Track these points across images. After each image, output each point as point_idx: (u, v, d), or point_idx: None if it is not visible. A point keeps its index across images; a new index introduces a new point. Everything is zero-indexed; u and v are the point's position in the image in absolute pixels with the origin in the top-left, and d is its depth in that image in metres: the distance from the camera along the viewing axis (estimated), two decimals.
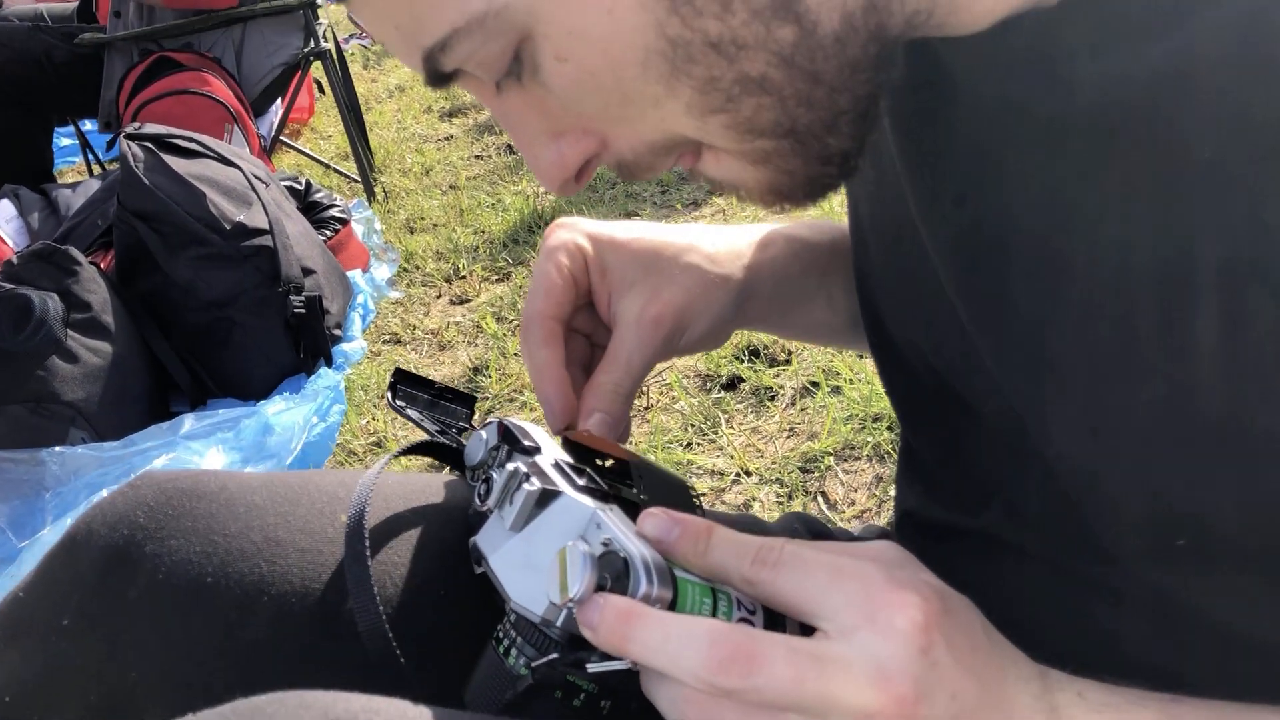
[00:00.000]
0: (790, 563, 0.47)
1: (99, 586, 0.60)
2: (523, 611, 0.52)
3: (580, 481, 0.56)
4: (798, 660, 0.44)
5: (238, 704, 0.47)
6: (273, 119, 3.53)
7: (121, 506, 0.63)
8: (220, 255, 2.14)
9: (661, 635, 0.45)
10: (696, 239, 0.71)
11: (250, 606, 0.60)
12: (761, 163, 0.51)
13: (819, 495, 1.68)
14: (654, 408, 1.98)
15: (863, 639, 0.44)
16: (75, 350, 1.99)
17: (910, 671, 0.44)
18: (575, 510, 0.53)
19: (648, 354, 0.66)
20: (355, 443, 2.06)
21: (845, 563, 0.47)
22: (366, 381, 2.26)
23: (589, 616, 0.47)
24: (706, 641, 0.44)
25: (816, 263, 0.77)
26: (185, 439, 1.95)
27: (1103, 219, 0.48)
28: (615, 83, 0.47)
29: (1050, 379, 0.52)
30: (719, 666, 0.44)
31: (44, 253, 2.05)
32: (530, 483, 0.55)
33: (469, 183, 3.38)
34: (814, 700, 0.44)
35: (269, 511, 0.64)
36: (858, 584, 0.46)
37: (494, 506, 0.57)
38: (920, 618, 0.44)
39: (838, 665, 0.44)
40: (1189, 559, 0.50)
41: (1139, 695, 0.48)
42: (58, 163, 3.80)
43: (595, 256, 0.68)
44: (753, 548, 0.48)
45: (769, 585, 0.48)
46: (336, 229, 2.62)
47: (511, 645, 0.52)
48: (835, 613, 0.46)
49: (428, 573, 0.66)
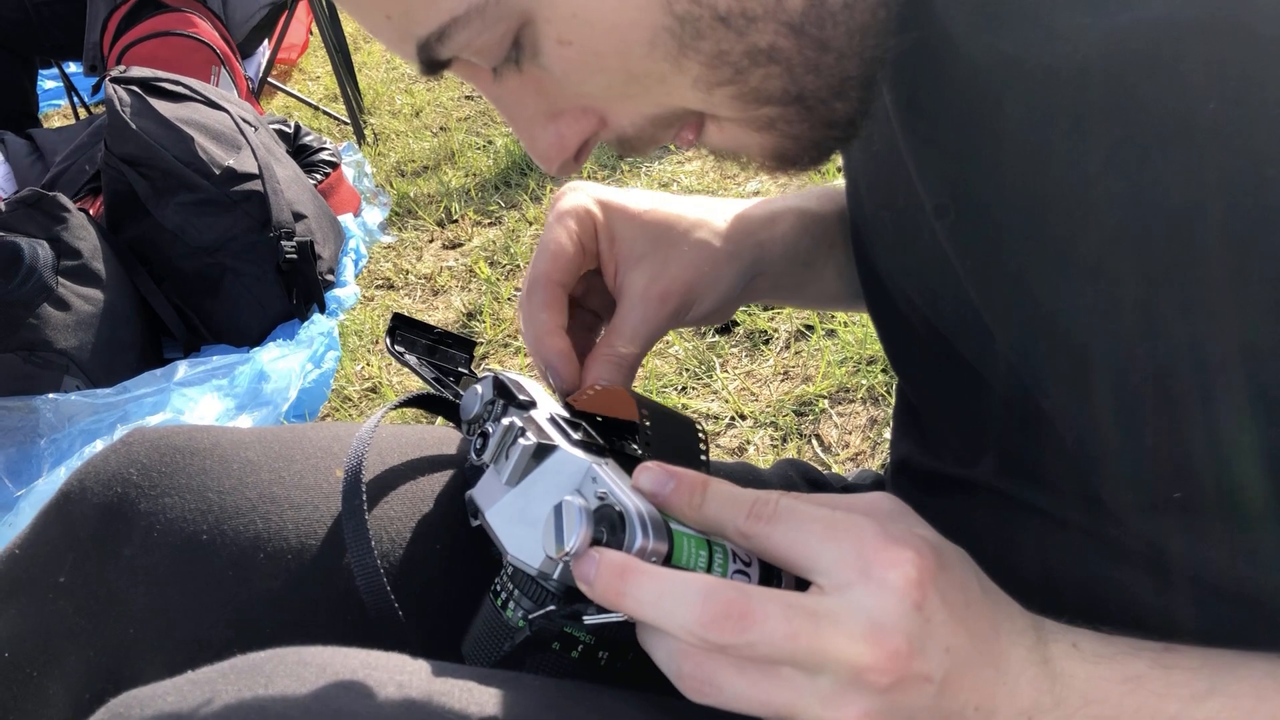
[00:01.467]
0: (785, 517, 0.48)
1: (93, 544, 0.60)
2: (519, 565, 0.52)
3: (576, 436, 0.56)
4: (791, 616, 0.44)
5: (236, 661, 0.47)
6: (260, 60, 3.49)
7: (114, 463, 0.63)
8: (210, 201, 2.12)
9: (657, 591, 0.45)
10: (708, 213, 0.70)
11: (246, 563, 0.60)
12: (766, 129, 0.50)
13: (814, 438, 1.69)
14: (648, 353, 1.97)
15: (857, 594, 0.45)
16: (66, 298, 1.98)
17: (903, 626, 0.44)
18: (571, 464, 0.53)
19: (652, 328, 0.66)
20: (350, 389, 2.06)
21: (840, 517, 0.47)
22: (360, 327, 2.25)
23: (585, 571, 0.47)
24: (701, 597, 0.44)
25: (826, 235, 0.76)
26: (179, 386, 1.95)
27: (1098, 173, 0.47)
28: (620, 63, 0.47)
29: (1045, 333, 0.52)
30: (713, 622, 0.44)
31: (32, 199, 2.03)
32: (526, 437, 0.55)
33: (459, 124, 3.34)
34: (807, 655, 0.44)
35: (263, 467, 0.64)
36: (852, 539, 0.46)
37: (490, 461, 0.57)
38: (914, 573, 0.45)
39: (831, 620, 0.44)
40: (1182, 511, 0.50)
41: (1133, 644, 0.48)
42: (43, 106, 3.75)
43: (605, 224, 0.68)
44: (747, 502, 0.49)
45: (763, 539, 0.48)
46: (327, 173, 2.60)
47: (509, 598, 0.52)
48: (830, 568, 0.46)
49: (424, 527, 0.66)
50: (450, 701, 0.48)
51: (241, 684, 0.45)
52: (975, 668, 0.46)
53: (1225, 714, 0.46)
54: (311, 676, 0.46)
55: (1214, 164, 0.43)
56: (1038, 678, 0.47)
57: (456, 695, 0.49)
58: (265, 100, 3.67)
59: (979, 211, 0.53)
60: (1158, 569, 0.54)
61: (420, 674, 0.49)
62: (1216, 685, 0.46)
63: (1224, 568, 0.51)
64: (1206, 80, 0.43)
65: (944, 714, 0.45)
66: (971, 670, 0.45)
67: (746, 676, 0.45)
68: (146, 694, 0.45)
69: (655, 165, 2.71)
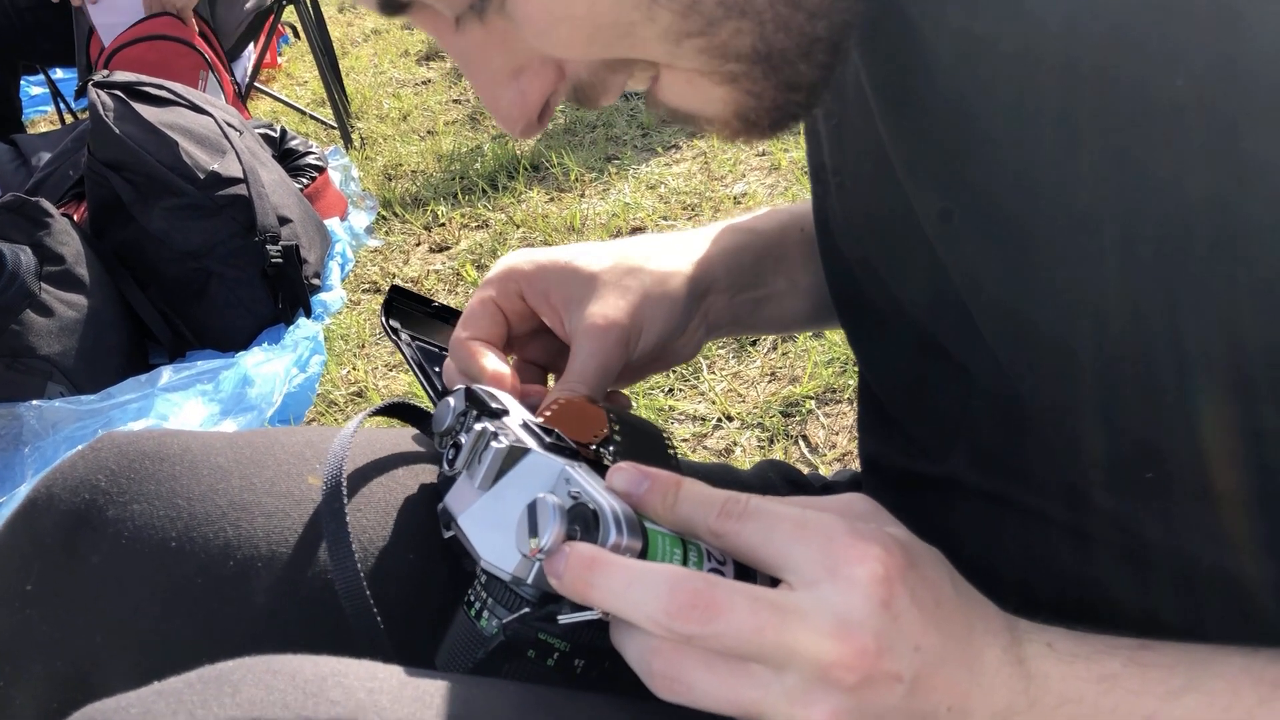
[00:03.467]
0: (755, 516, 0.48)
1: (61, 552, 0.60)
2: (493, 570, 0.51)
3: (548, 440, 0.55)
4: (757, 609, 0.44)
5: (203, 671, 0.47)
6: (246, 65, 3.47)
7: (82, 469, 0.62)
8: (194, 205, 2.12)
9: (624, 580, 0.45)
10: (645, 247, 0.71)
11: (216, 571, 0.59)
12: (729, 83, 0.50)
13: (800, 439, 1.68)
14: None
15: (824, 591, 0.45)
16: (49, 304, 1.97)
17: (870, 624, 0.44)
18: (544, 466, 0.52)
19: (600, 361, 0.66)
20: (336, 393, 2.05)
21: (810, 516, 0.47)
22: (346, 331, 2.24)
23: (555, 565, 0.47)
24: (667, 587, 0.44)
25: (769, 249, 0.76)
26: (164, 391, 1.94)
27: (1075, 155, 0.47)
28: (589, 13, 0.46)
29: (1023, 316, 0.51)
30: (679, 611, 0.44)
31: (14, 204, 2.02)
32: (498, 440, 0.54)
33: (447, 128, 3.34)
34: (774, 649, 0.44)
35: (234, 474, 0.63)
36: (820, 537, 0.46)
37: (462, 468, 0.56)
38: (881, 570, 0.45)
39: (798, 615, 0.44)
40: (1157, 493, 0.50)
41: (1108, 642, 0.48)
42: (28, 112, 3.74)
43: (537, 278, 0.69)
44: (719, 501, 0.49)
45: (734, 538, 0.48)
46: (313, 177, 2.59)
47: (483, 608, 0.52)
48: (799, 565, 0.46)
49: (399, 535, 0.65)
50: (422, 707, 0.47)
51: (208, 694, 0.45)
52: (947, 667, 0.45)
53: (1201, 710, 0.45)
54: (281, 685, 0.46)
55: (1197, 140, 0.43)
56: (1012, 678, 0.46)
57: (428, 700, 0.48)
58: (252, 105, 3.65)
59: (975, 208, 0.52)
60: (1135, 560, 0.54)
61: (391, 680, 0.49)
62: (1192, 681, 0.46)
63: (1199, 553, 0.51)
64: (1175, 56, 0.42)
65: (915, 715, 0.45)
66: (943, 670, 0.45)
67: (715, 673, 0.45)
68: (111, 706, 0.44)
69: (643, 168, 2.70)
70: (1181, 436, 0.48)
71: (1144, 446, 0.50)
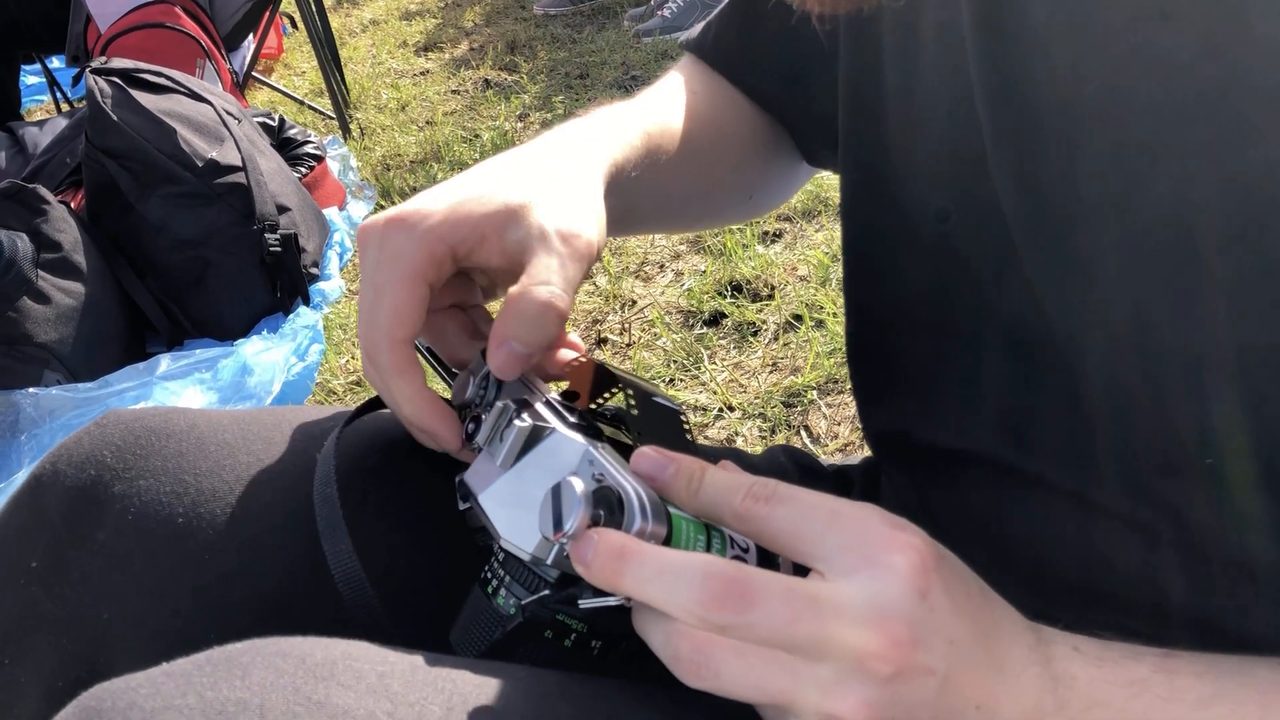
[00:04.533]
0: (786, 501, 0.47)
1: (66, 528, 0.59)
2: (513, 549, 0.51)
3: (571, 419, 0.54)
4: (793, 599, 0.43)
5: (212, 653, 0.46)
6: (245, 54, 3.46)
7: (88, 446, 0.61)
8: (193, 193, 2.10)
9: (656, 569, 0.44)
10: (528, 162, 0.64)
11: (223, 548, 0.59)
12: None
13: (802, 429, 1.68)
14: (636, 344, 1.96)
15: (861, 581, 0.44)
16: (47, 291, 1.95)
17: (907, 614, 0.43)
18: (568, 447, 0.51)
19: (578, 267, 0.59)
20: (335, 382, 2.05)
21: (843, 505, 0.46)
22: (345, 320, 2.24)
23: (582, 552, 0.46)
24: (701, 576, 0.44)
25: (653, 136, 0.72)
26: (162, 379, 1.93)
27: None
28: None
29: (1097, 286, 0.51)
30: (713, 601, 0.43)
31: (11, 191, 2.01)
32: (521, 419, 0.53)
33: (445, 118, 3.33)
34: (808, 640, 0.43)
35: (240, 450, 0.62)
36: (857, 525, 0.45)
37: (483, 444, 0.56)
38: (919, 560, 0.44)
39: (833, 606, 0.43)
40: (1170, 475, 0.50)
41: (1132, 649, 0.47)
42: (25, 102, 3.71)
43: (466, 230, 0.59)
44: (745, 484, 0.48)
45: (762, 521, 0.47)
46: (311, 166, 2.58)
47: (500, 586, 0.51)
48: (833, 554, 0.45)
49: (404, 516, 0.64)
50: (433, 691, 0.47)
51: (218, 676, 0.44)
52: (978, 664, 0.44)
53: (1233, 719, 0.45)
54: (290, 668, 0.45)
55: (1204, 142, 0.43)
56: (1039, 678, 0.45)
57: (440, 685, 0.47)
58: (250, 94, 3.64)
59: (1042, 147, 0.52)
60: (1151, 538, 0.53)
61: (402, 664, 0.48)
62: (1221, 691, 0.45)
63: (1214, 533, 0.50)
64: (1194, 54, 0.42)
65: (945, 711, 0.44)
66: (974, 667, 0.44)
67: (745, 660, 0.44)
68: (119, 686, 0.44)
69: None
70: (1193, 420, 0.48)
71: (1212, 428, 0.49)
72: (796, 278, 2.02)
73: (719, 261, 2.11)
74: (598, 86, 3.24)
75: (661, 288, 2.12)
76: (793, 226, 2.20)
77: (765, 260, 2.07)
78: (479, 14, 4.26)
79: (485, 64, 3.68)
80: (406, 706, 0.45)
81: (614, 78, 3.27)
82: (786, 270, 2.04)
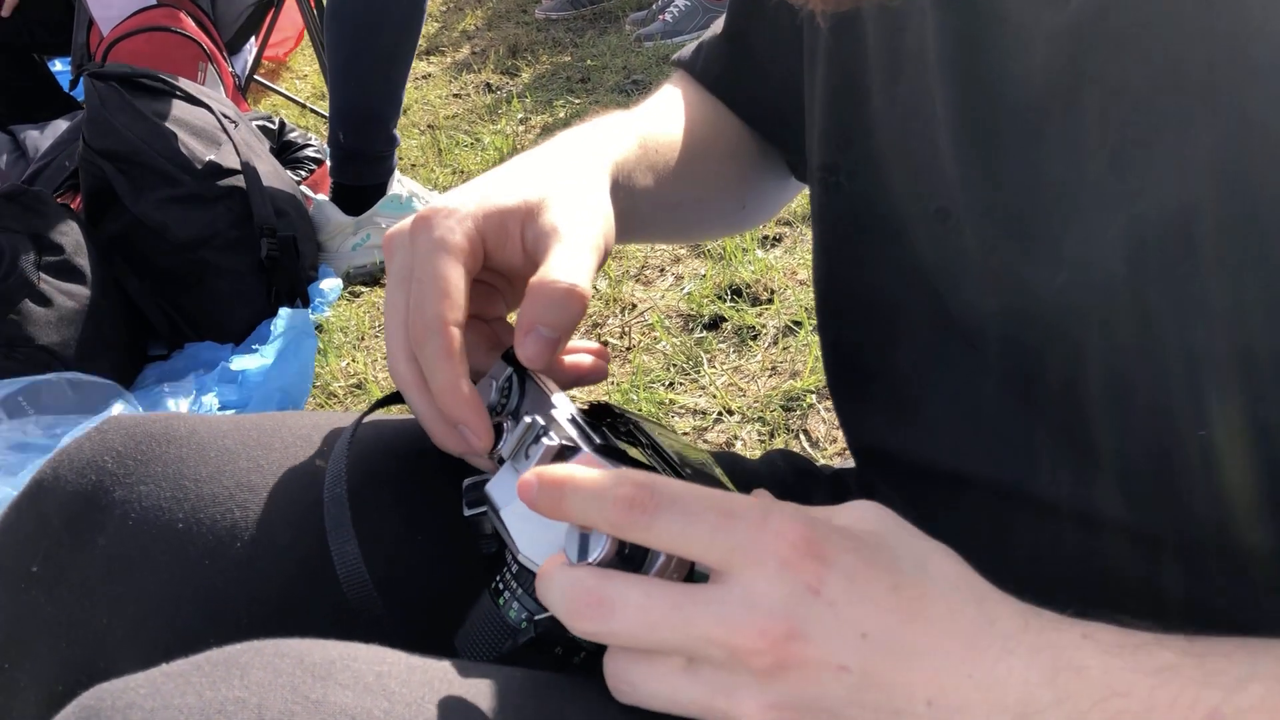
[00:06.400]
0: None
1: (67, 533, 0.59)
2: (530, 565, 0.51)
3: (596, 440, 0.54)
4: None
5: (211, 654, 0.46)
6: (247, 58, 3.46)
7: (89, 451, 0.61)
8: (191, 196, 2.10)
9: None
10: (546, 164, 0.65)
11: (223, 553, 0.59)
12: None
13: (801, 433, 1.68)
14: (635, 348, 1.97)
15: (736, 577, 0.43)
16: (48, 294, 1.95)
17: (781, 607, 0.42)
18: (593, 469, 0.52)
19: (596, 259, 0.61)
20: (335, 385, 2.05)
21: (735, 503, 0.45)
22: (346, 324, 2.24)
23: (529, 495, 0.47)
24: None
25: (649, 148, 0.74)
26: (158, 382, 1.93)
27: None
28: None
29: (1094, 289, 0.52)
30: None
31: (13, 194, 2.01)
32: (549, 437, 0.53)
33: (447, 122, 3.33)
34: (680, 640, 0.43)
35: (241, 455, 0.63)
36: (746, 526, 0.44)
37: (508, 457, 0.56)
38: (802, 552, 0.43)
39: (698, 603, 0.43)
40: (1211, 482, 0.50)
41: (1155, 636, 0.44)
42: None
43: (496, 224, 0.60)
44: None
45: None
46: (311, 169, 2.58)
47: (513, 598, 0.52)
48: (724, 556, 0.44)
49: (409, 520, 0.65)
50: (431, 691, 0.47)
51: (216, 676, 0.44)
52: (913, 655, 0.42)
53: (1272, 698, 0.41)
54: (288, 669, 0.45)
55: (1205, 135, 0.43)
56: (1030, 668, 0.42)
57: (437, 685, 0.48)
58: (252, 98, 3.64)
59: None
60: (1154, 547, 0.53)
61: (400, 664, 0.49)
62: (1256, 669, 0.42)
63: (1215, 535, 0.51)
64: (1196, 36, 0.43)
65: (879, 709, 0.42)
66: (907, 659, 0.42)
67: (653, 671, 0.45)
68: (119, 687, 0.44)
69: None
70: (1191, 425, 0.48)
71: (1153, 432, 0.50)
72: (796, 282, 2.03)
73: (719, 266, 2.12)
74: (599, 91, 3.24)
75: (661, 292, 2.12)
76: (792, 231, 2.21)
77: (765, 264, 2.07)
78: (480, 18, 4.27)
79: (487, 68, 3.68)
80: (404, 706, 0.45)
81: (615, 82, 3.27)
82: (786, 274, 2.05)
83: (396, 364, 0.59)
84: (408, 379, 0.59)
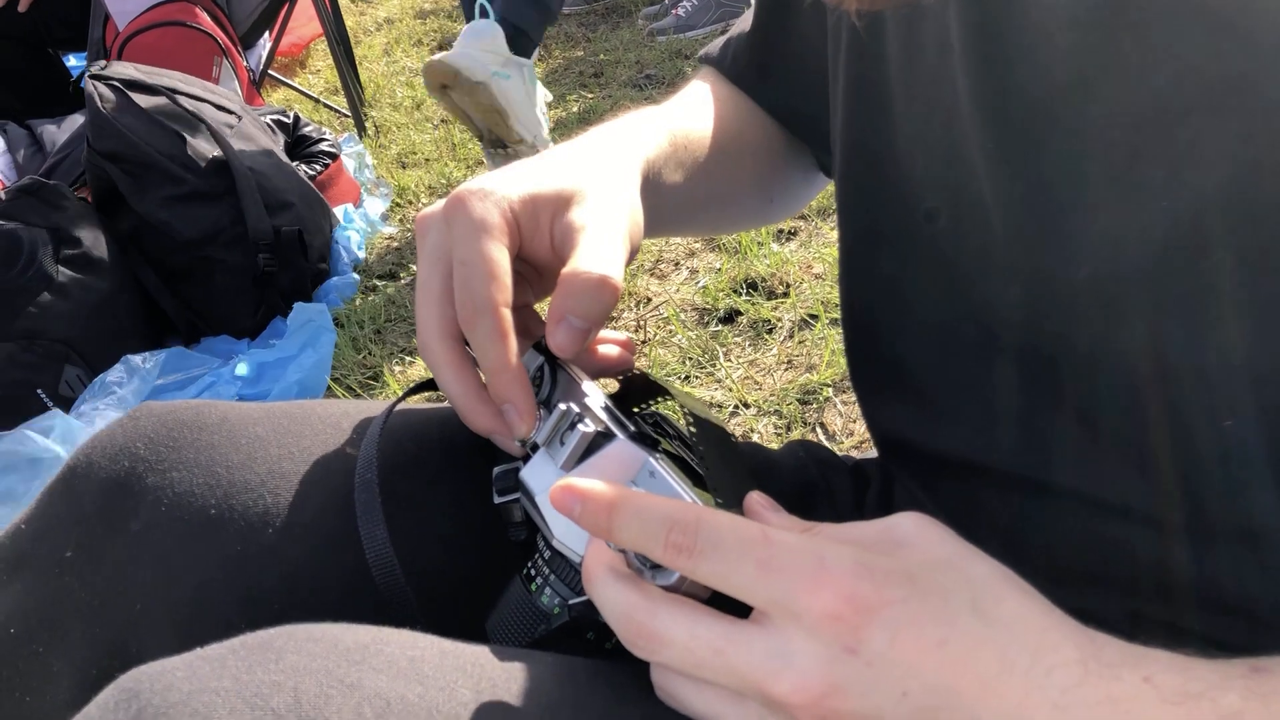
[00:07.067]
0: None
1: (100, 519, 0.60)
2: (565, 550, 0.51)
3: (631, 428, 0.55)
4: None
5: (245, 638, 0.47)
6: (261, 53, 3.47)
7: (121, 438, 0.62)
8: (195, 193, 2.10)
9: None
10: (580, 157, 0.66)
11: (254, 539, 0.60)
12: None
13: (818, 426, 1.68)
14: (651, 342, 1.97)
15: (785, 629, 0.43)
16: (67, 286, 1.96)
17: (821, 667, 0.42)
18: (629, 456, 0.52)
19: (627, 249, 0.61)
20: (352, 378, 2.05)
21: (776, 551, 0.44)
22: (362, 317, 2.24)
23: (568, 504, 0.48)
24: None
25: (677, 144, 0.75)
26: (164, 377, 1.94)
27: None
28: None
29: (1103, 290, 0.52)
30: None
31: (32, 187, 2.02)
32: (585, 424, 0.54)
33: None
34: (722, 681, 0.44)
35: (272, 443, 0.63)
36: (786, 578, 0.43)
37: (543, 444, 0.56)
38: (841, 611, 0.42)
39: (742, 650, 0.43)
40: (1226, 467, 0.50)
41: (1219, 670, 0.41)
42: None
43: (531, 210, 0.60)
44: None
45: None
46: (326, 164, 2.58)
47: (545, 584, 0.52)
48: (766, 604, 0.44)
49: (436, 507, 0.65)
50: (463, 676, 0.47)
51: (252, 659, 0.45)
52: (961, 711, 0.41)
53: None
54: (323, 653, 0.46)
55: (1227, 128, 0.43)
56: None
57: (470, 669, 0.48)
58: (266, 93, 3.65)
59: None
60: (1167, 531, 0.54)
61: (432, 649, 0.49)
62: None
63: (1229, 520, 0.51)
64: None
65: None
66: (954, 717, 0.41)
67: (701, 696, 0.46)
68: (156, 670, 0.44)
69: None
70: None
71: None
72: (812, 275, 2.03)
73: (734, 259, 2.12)
74: (612, 85, 3.24)
75: (677, 285, 2.12)
76: (808, 224, 2.21)
77: (780, 258, 2.07)
78: None
79: None
80: (437, 690, 0.46)
81: (628, 76, 3.27)
82: (802, 268, 2.05)
83: (430, 341, 0.59)
84: (443, 357, 0.58)
